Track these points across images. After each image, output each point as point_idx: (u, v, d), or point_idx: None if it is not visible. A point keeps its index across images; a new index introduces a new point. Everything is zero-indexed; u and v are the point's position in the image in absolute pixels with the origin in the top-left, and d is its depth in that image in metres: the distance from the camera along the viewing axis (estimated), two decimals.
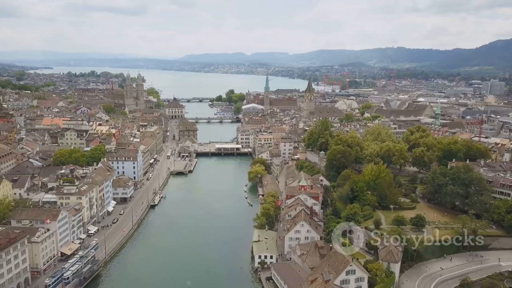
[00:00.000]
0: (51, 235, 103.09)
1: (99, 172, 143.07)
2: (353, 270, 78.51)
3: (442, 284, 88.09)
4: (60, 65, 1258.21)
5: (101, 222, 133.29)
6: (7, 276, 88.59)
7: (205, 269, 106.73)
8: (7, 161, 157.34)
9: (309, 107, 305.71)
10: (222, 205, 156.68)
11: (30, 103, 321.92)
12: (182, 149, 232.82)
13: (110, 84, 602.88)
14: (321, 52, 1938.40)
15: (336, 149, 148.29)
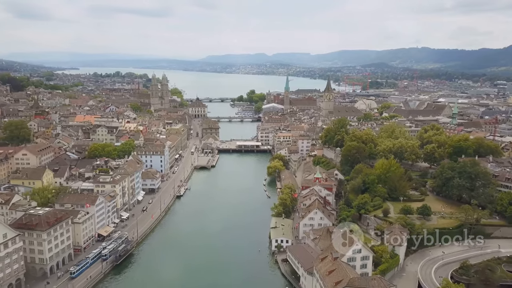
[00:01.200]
0: (90, 218, 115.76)
1: (130, 164, 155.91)
2: (359, 249, 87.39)
3: (443, 267, 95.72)
4: (86, 65, 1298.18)
5: (132, 209, 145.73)
6: (54, 250, 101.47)
7: (226, 252, 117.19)
8: (47, 153, 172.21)
9: (328, 107, 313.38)
10: (242, 197, 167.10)
11: (62, 101, 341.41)
12: (205, 146, 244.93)
13: (135, 84, 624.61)
14: (343, 52, 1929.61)
15: (351, 145, 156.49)
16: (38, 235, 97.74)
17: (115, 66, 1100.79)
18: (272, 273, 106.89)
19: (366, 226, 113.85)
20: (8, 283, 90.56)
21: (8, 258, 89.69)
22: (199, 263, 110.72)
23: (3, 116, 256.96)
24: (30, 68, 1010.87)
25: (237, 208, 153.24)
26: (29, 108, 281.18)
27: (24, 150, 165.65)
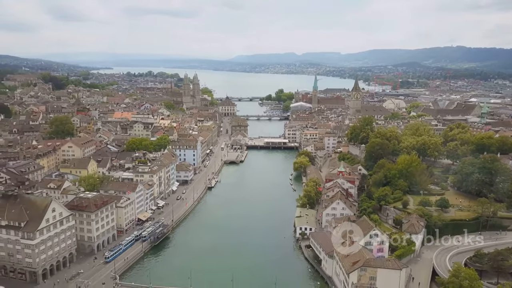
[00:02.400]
0: (131, 203, 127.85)
1: (166, 157, 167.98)
2: (376, 234, 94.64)
3: (458, 255, 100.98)
4: (119, 65, 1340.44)
5: (167, 198, 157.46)
6: (101, 230, 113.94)
7: (253, 237, 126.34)
8: (90, 146, 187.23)
9: (355, 105, 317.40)
10: (269, 190, 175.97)
11: (100, 99, 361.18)
12: (234, 142, 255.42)
13: (167, 83, 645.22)
14: (374, 51, 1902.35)
15: (374, 141, 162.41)
16: (88, 215, 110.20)
17: (147, 66, 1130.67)
18: (296, 258, 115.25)
19: (386, 217, 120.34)
20: (63, 256, 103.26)
21: (63, 234, 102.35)
22: (228, 246, 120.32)
23: (47, 113, 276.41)
24: (67, 67, 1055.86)
25: (264, 200, 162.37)
26: (71, 105, 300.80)
27: (69, 143, 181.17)
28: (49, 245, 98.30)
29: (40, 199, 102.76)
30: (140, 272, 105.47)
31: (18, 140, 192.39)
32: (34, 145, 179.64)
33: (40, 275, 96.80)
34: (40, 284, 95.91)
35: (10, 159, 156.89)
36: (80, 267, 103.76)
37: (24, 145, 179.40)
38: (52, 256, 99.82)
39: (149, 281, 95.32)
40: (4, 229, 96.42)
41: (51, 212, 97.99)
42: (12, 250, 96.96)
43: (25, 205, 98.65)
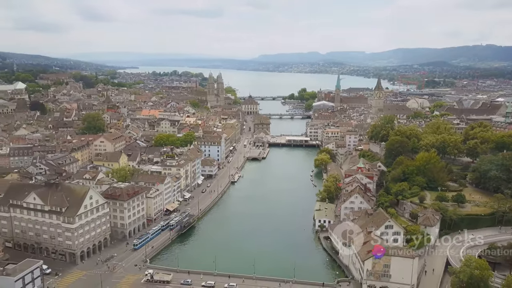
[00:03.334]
0: (159, 194, 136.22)
1: (192, 152, 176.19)
2: (391, 225, 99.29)
3: (472, 248, 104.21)
4: (144, 64, 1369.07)
5: (193, 191, 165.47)
6: (132, 218, 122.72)
7: (275, 229, 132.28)
8: (120, 141, 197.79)
9: (377, 104, 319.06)
10: (290, 185, 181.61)
11: (129, 97, 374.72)
12: (257, 139, 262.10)
13: (191, 82, 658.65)
14: (399, 50, 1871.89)
15: (394, 139, 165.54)
16: (120, 204, 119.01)
17: (172, 65, 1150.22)
18: (315, 248, 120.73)
19: (402, 211, 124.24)
20: (98, 240, 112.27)
21: (99, 220, 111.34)
22: (250, 236, 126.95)
23: (79, 110, 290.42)
24: (94, 67, 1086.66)
25: (285, 194, 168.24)
26: (101, 103, 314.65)
27: (101, 138, 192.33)
28: (86, 229, 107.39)
29: (79, 187, 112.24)
30: (168, 257, 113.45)
31: (54, 135, 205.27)
32: (69, 140, 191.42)
33: (79, 257, 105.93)
34: (78, 265, 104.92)
35: (48, 152, 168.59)
36: (114, 251, 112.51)
37: (60, 140, 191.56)
38: (89, 239, 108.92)
39: (177, 264, 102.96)
40: (47, 213, 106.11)
41: (89, 199, 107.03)
42: (54, 233, 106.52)
43: (65, 192, 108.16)
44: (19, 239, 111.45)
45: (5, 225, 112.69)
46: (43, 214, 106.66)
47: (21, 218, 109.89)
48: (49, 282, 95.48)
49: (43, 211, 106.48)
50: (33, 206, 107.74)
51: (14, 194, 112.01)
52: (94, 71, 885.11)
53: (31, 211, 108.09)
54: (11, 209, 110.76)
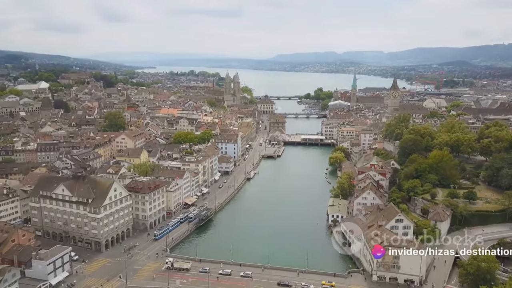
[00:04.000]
0: (179, 188, 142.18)
1: (209, 149, 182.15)
2: (401, 219, 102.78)
3: (482, 243, 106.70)
4: (162, 64, 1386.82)
5: (210, 187, 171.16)
6: (153, 210, 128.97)
7: (289, 223, 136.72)
8: (140, 138, 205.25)
9: (393, 104, 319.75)
10: (304, 182, 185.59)
11: (148, 96, 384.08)
12: (272, 138, 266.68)
13: (208, 82, 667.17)
14: (418, 50, 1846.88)
15: (408, 137, 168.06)
16: (142, 196, 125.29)
17: (189, 65, 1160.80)
18: (327, 241, 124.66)
19: (414, 207, 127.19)
20: (122, 230, 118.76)
21: (122, 211, 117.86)
22: (264, 229, 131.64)
23: (101, 108, 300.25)
24: (113, 67, 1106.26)
25: (299, 191, 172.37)
26: (121, 102, 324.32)
27: (123, 135, 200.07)
28: (111, 219, 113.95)
29: (104, 179, 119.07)
30: (187, 247, 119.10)
31: (77, 132, 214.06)
32: (92, 137, 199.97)
33: (103, 245, 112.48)
34: (103, 253, 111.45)
35: (73, 148, 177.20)
36: (136, 241, 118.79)
37: (84, 137, 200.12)
38: (113, 229, 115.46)
39: (195, 254, 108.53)
40: (74, 204, 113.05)
41: (113, 191, 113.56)
42: (81, 223, 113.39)
43: (91, 184, 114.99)
44: (48, 228, 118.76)
45: (35, 215, 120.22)
46: (71, 204, 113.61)
47: (50, 208, 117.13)
48: (77, 267, 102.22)
49: (71, 202, 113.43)
50: (61, 197, 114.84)
51: (44, 186, 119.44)
52: (112, 71, 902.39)
53: (60, 201, 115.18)
54: (41, 200, 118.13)
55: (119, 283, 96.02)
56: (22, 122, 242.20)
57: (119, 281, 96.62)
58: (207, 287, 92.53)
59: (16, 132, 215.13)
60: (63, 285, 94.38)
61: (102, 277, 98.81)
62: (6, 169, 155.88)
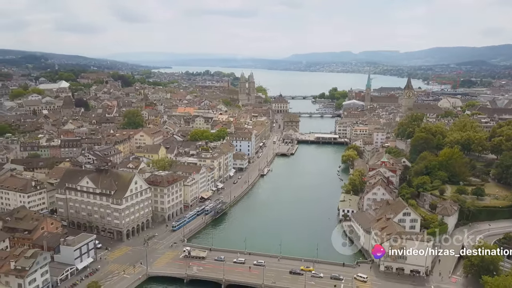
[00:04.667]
0: (195, 182, 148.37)
1: (224, 146, 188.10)
2: (409, 213, 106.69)
3: (488, 237, 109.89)
4: (177, 64, 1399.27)
5: (225, 182, 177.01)
6: (171, 203, 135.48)
7: (301, 217, 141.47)
8: (158, 136, 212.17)
9: (407, 103, 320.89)
10: (317, 179, 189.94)
11: (165, 96, 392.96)
12: (286, 136, 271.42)
13: (223, 82, 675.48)
14: (436, 49, 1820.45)
15: (419, 135, 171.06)
16: (161, 190, 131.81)
17: (204, 65, 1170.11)
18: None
19: (423, 202, 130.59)
20: (141, 221, 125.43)
21: (142, 203, 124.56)
22: (277, 222, 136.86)
23: (119, 107, 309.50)
24: (130, 67, 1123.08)
25: (312, 187, 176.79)
26: (139, 100, 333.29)
27: (141, 132, 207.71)
28: (132, 210, 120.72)
29: (125, 173, 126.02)
30: (203, 238, 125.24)
31: (98, 129, 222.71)
32: (112, 134, 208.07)
33: (125, 235, 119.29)
34: (124, 242, 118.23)
35: (95, 144, 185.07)
36: (155, 231, 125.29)
37: (104, 134, 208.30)
38: (134, 220, 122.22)
39: (211, 243, 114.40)
40: (98, 196, 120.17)
41: (134, 184, 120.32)
42: (104, 213, 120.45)
43: (114, 177, 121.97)
44: (73, 218, 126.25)
45: (61, 206, 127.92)
46: (95, 196, 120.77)
47: (75, 199, 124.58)
48: (101, 254, 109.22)
49: (95, 193, 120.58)
50: (86, 189, 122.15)
51: (69, 178, 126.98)
52: (129, 70, 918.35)
53: (84, 193, 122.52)
54: (67, 192, 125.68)
55: (140, 269, 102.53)
56: (46, 119, 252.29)
57: (140, 267, 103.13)
58: (222, 274, 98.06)
59: (40, 129, 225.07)
60: (88, 269, 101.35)
61: (124, 263, 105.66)
62: (32, 164, 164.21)
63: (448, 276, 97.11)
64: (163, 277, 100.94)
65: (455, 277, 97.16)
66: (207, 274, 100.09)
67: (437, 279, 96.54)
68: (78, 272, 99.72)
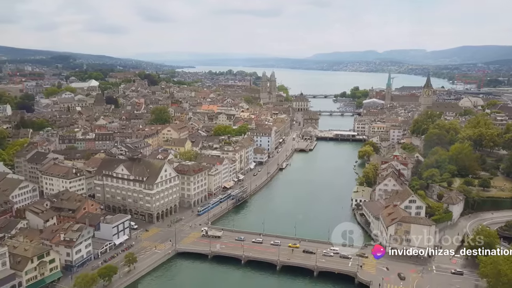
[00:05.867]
0: (218, 173, 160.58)
1: (245, 140, 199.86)
2: (414, 200, 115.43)
3: (491, 225, 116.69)
4: (201, 64, 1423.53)
5: (245, 174, 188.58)
6: (197, 190, 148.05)
7: (316, 206, 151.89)
8: (184, 131, 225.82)
9: (426, 102, 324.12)
10: (333, 173, 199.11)
11: (189, 94, 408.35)
12: (305, 133, 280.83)
13: (245, 81, 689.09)
14: (464, 48, 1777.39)
15: (432, 132, 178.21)
16: (188, 178, 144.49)
17: (227, 65, 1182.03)
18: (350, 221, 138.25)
19: (431, 193, 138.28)
20: (170, 206, 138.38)
21: (171, 189, 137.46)
22: (293, 209, 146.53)
23: (147, 104, 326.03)
24: (154, 66, 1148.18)
25: (328, 180, 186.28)
26: (165, 98, 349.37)
27: (168, 128, 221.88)
28: (161, 196, 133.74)
29: (156, 161, 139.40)
30: (225, 221, 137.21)
31: (128, 124, 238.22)
32: (141, 128, 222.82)
33: (155, 217, 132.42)
34: (155, 223, 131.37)
35: (126, 138, 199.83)
36: (182, 215, 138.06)
37: (134, 128, 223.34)
38: (163, 204, 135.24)
39: (232, 225, 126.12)
40: (131, 182, 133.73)
41: (164, 171, 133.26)
42: (137, 198, 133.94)
43: (146, 165, 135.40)
44: (109, 202, 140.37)
45: (99, 191, 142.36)
46: (129, 182, 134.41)
47: (111, 185, 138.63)
48: (135, 233, 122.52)
49: (129, 179, 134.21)
50: (121, 176, 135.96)
51: (106, 166, 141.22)
52: (154, 70, 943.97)
53: (119, 179, 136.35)
54: (103, 178, 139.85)
55: (169, 245, 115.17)
56: (79, 115, 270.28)
57: (169, 244, 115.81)
58: (242, 251, 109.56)
59: (74, 124, 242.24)
60: (124, 245, 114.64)
61: (155, 241, 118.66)
62: (70, 155, 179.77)
63: (449, 258, 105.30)
64: (189, 253, 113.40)
65: (455, 258, 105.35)
66: (229, 251, 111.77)
67: (439, 260, 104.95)
68: (115, 247, 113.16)
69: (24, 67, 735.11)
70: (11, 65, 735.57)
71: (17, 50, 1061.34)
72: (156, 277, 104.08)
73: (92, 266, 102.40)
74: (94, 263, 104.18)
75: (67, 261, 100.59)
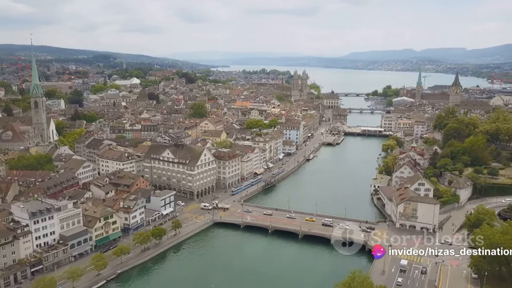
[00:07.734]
0: (250, 160, 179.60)
1: (275, 133, 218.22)
2: (423, 183, 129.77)
3: (494, 208, 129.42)
4: (235, 63, 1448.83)
5: (274, 164, 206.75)
6: (231, 174, 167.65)
7: (337, 191, 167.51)
8: (219, 124, 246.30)
9: (454, 100, 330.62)
10: (357, 165, 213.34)
11: (224, 91, 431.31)
12: (333, 128, 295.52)
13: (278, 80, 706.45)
14: (507, 47, 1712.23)
15: (451, 126, 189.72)
16: (223, 162, 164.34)
17: (261, 64, 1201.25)
18: (369, 204, 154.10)
19: (443, 180, 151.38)
20: (208, 186, 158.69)
21: (209, 171, 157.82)
22: (316, 194, 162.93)
23: (185, 100, 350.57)
24: (190, 65, 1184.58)
25: (352, 170, 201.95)
26: (203, 95, 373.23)
27: (206, 121, 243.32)
28: (201, 176, 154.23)
29: (197, 147, 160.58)
30: (256, 200, 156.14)
31: (169, 118, 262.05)
32: (182, 121, 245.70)
33: (196, 194, 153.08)
34: (195, 200, 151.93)
35: (169, 129, 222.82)
36: (217, 195, 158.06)
37: (175, 121, 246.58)
38: (202, 184, 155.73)
39: (262, 203, 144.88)
40: (176, 164, 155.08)
41: (204, 155, 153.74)
42: (180, 178, 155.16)
43: (188, 150, 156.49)
44: (156, 181, 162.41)
45: (147, 172, 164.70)
46: (173, 164, 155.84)
47: (158, 167, 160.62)
48: (178, 207, 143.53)
49: (173, 162, 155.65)
50: (166, 159, 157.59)
51: (154, 151, 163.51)
52: (190, 69, 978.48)
53: (165, 162, 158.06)
54: (151, 161, 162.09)
55: (208, 217, 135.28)
56: (125, 109, 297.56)
57: (208, 216, 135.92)
58: (269, 222, 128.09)
59: (121, 117, 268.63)
60: (170, 215, 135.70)
61: (195, 213, 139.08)
62: (120, 143, 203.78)
63: (452, 234, 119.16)
64: (224, 223, 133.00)
65: (457, 234, 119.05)
66: (258, 222, 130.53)
67: (442, 234, 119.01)
68: (163, 216, 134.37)
69: (69, 66, 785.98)
70: (57, 64, 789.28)
71: (61, 50, 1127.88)
72: (197, 241, 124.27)
73: (145, 229, 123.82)
74: (146, 228, 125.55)
75: (125, 225, 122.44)
